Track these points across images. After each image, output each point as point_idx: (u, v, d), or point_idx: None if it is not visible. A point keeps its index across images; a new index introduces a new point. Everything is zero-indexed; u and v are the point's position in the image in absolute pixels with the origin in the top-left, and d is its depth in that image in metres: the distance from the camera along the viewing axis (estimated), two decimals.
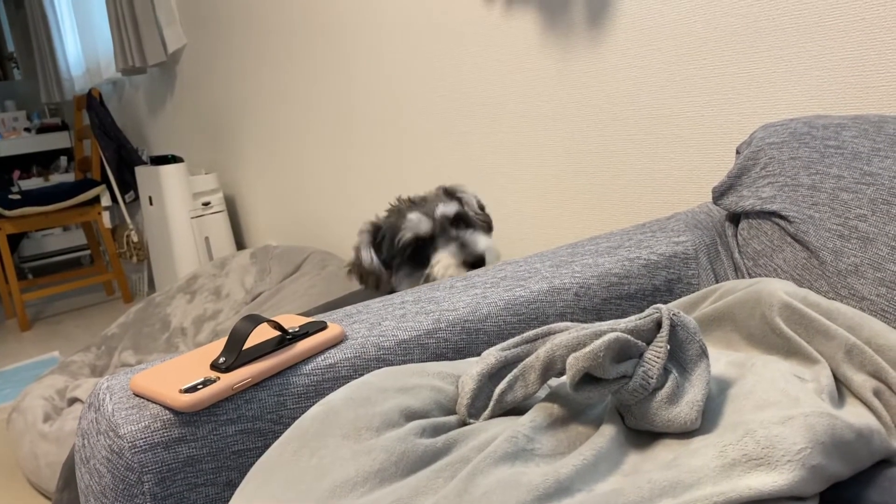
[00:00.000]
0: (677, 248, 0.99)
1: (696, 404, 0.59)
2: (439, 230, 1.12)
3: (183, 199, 2.92)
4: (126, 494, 0.60)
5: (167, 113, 3.59)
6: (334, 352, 0.73)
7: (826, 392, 0.61)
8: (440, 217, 1.13)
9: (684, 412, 0.59)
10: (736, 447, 0.54)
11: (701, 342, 0.63)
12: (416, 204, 1.18)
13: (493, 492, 0.55)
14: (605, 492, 0.55)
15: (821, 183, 0.86)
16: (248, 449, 0.66)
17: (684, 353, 0.62)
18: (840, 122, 0.92)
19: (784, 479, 0.51)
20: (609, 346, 0.58)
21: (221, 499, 0.63)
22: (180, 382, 0.64)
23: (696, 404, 0.59)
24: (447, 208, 1.15)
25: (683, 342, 0.62)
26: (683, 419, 0.58)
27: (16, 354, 3.01)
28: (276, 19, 2.46)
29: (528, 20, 1.56)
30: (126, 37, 3.14)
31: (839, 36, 1.06)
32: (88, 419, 0.64)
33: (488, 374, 0.65)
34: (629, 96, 1.39)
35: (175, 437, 0.62)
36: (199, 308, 2.28)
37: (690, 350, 0.62)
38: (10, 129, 4.89)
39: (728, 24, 1.19)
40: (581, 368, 0.58)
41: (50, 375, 2.02)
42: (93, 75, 4.05)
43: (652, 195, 1.41)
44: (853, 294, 0.79)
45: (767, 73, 1.16)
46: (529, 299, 0.87)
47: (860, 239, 0.80)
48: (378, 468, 0.58)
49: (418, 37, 1.88)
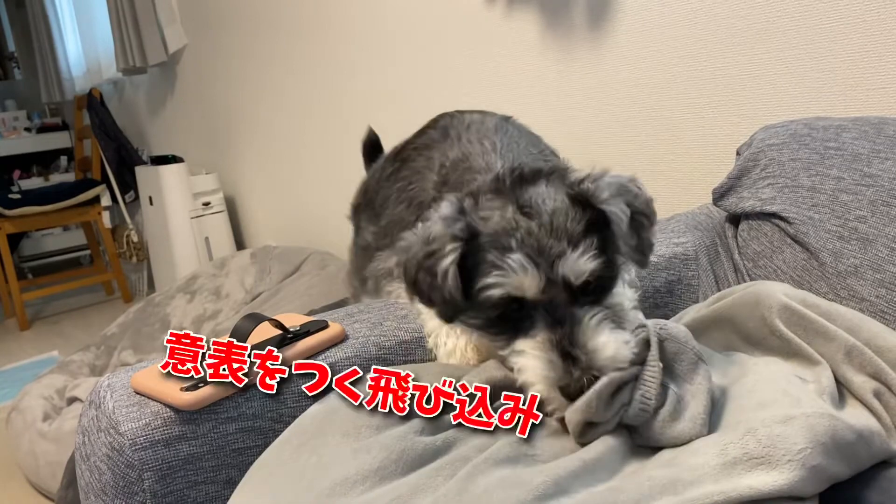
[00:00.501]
0: (677, 249, 0.99)
1: (698, 418, 0.59)
2: (550, 299, 0.67)
3: (183, 199, 2.92)
4: (126, 492, 0.60)
5: (168, 113, 3.59)
6: (335, 351, 0.73)
7: (827, 393, 0.62)
8: (561, 279, 0.66)
9: (688, 428, 0.59)
10: (737, 445, 0.54)
11: (694, 349, 0.63)
12: (531, 217, 0.69)
13: (494, 490, 0.55)
14: (603, 489, 0.55)
15: (821, 184, 0.86)
16: (248, 447, 0.66)
17: (679, 365, 0.62)
18: (840, 124, 0.92)
19: (784, 479, 0.51)
20: (600, 394, 0.59)
21: (221, 496, 0.63)
22: (182, 381, 0.64)
23: (699, 417, 0.59)
24: (576, 266, 0.67)
25: (677, 354, 0.62)
26: (689, 434, 0.59)
27: (15, 354, 3.01)
28: (278, 20, 2.47)
29: (529, 21, 1.56)
30: (127, 36, 3.14)
31: (839, 38, 1.06)
32: (89, 416, 0.64)
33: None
34: (629, 97, 1.39)
35: (175, 434, 0.62)
36: (199, 308, 2.28)
37: (684, 360, 0.62)
38: (11, 129, 4.89)
39: (728, 26, 1.19)
40: (580, 421, 0.60)
41: (49, 375, 2.02)
42: (93, 75, 4.05)
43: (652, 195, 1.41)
44: (853, 295, 0.79)
45: (768, 75, 1.16)
46: None
47: (860, 240, 0.80)
48: (378, 466, 0.58)
49: (420, 38, 1.88)
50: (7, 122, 4.94)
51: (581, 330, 0.65)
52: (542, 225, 0.68)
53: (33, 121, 5.05)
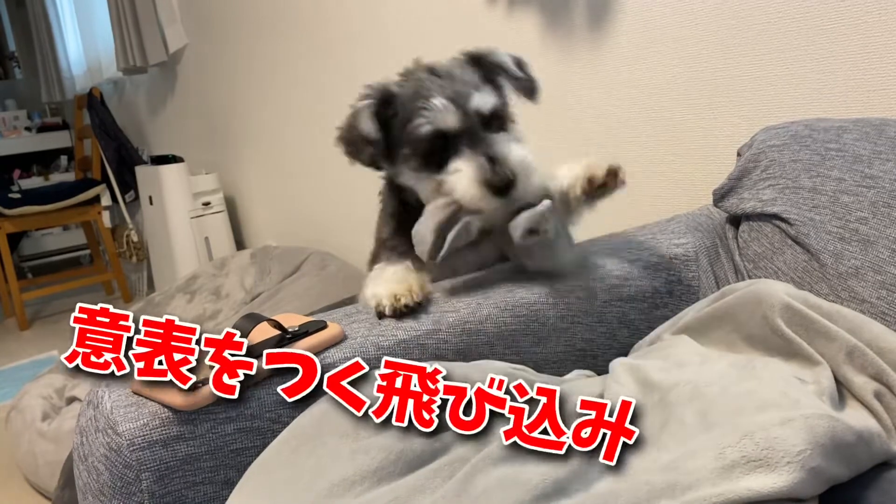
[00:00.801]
0: (677, 251, 0.99)
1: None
2: (468, 128, 0.87)
3: (183, 199, 2.92)
4: (124, 492, 0.60)
5: (168, 112, 3.59)
6: (334, 351, 0.73)
7: (827, 394, 0.61)
8: (473, 111, 0.87)
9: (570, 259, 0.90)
10: (735, 449, 0.54)
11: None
12: (441, 77, 0.91)
13: (492, 491, 0.55)
14: (601, 493, 0.55)
15: (822, 185, 0.86)
16: (246, 447, 0.66)
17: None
18: (841, 125, 0.92)
19: (784, 481, 0.51)
20: (544, 213, 0.81)
21: (219, 497, 0.63)
22: (180, 380, 0.63)
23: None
24: (483, 100, 0.89)
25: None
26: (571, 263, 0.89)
27: (15, 353, 3.01)
28: (279, 21, 2.47)
29: (530, 22, 1.56)
30: (127, 36, 3.15)
31: (841, 39, 1.06)
32: (87, 416, 0.64)
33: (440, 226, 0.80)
34: (630, 98, 1.39)
35: (174, 434, 0.62)
36: (199, 308, 2.28)
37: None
38: (11, 128, 4.89)
39: (729, 27, 1.19)
40: (525, 229, 0.81)
41: (48, 374, 2.02)
42: (94, 74, 4.05)
43: (652, 198, 1.41)
44: (853, 297, 0.79)
45: (768, 76, 1.16)
46: (530, 301, 0.87)
47: (861, 242, 0.80)
48: (376, 467, 0.58)
49: (421, 38, 1.88)
50: (7, 121, 4.95)
51: (496, 143, 0.86)
52: (453, 79, 0.90)
53: (33, 120, 5.06)
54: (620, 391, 0.68)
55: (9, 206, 3.30)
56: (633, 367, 0.74)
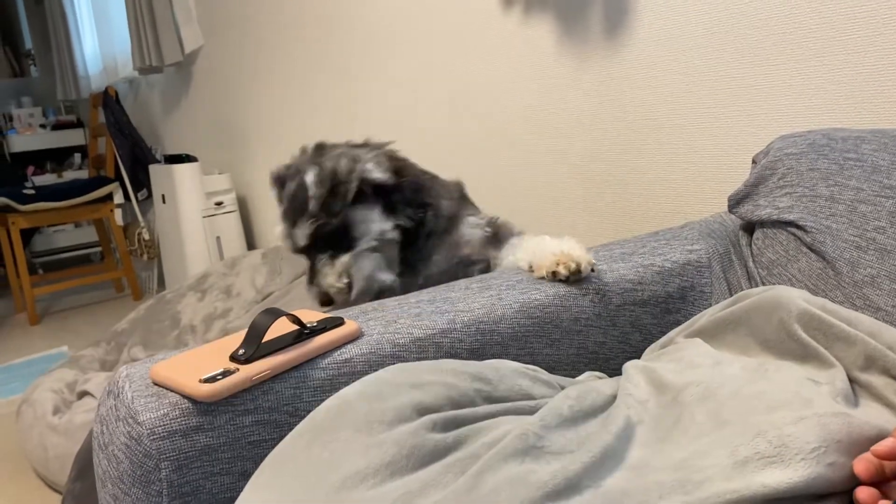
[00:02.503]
0: (691, 256, 0.99)
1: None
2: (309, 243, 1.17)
3: (196, 199, 2.94)
4: (143, 481, 0.61)
5: (182, 112, 3.61)
6: (350, 347, 0.74)
7: (841, 395, 0.61)
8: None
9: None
10: (748, 447, 0.54)
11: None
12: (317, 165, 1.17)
13: (503, 488, 0.55)
14: (611, 490, 0.55)
15: (839, 194, 0.86)
16: (263, 440, 0.66)
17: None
18: (859, 135, 0.92)
19: (799, 476, 0.50)
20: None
21: (236, 488, 0.64)
22: (200, 372, 0.64)
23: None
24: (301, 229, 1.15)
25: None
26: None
27: (25, 348, 3.03)
28: (294, 23, 2.48)
29: (546, 27, 1.57)
30: (144, 36, 3.17)
31: (857, 50, 1.06)
32: (107, 406, 0.65)
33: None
34: (645, 105, 1.40)
35: (193, 425, 0.63)
36: (210, 306, 2.29)
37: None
38: (26, 126, 4.93)
39: (746, 36, 1.20)
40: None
41: (60, 369, 2.04)
42: (109, 73, 4.09)
43: (666, 204, 1.41)
44: (869, 305, 0.79)
45: (784, 86, 1.16)
46: (544, 303, 0.87)
47: (878, 250, 0.80)
48: (388, 461, 0.58)
49: (436, 42, 1.89)
50: (23, 118, 5.00)
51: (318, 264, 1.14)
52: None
53: (48, 118, 5.11)
54: (634, 391, 0.69)
55: (22, 202, 3.33)
56: (646, 368, 0.74)
